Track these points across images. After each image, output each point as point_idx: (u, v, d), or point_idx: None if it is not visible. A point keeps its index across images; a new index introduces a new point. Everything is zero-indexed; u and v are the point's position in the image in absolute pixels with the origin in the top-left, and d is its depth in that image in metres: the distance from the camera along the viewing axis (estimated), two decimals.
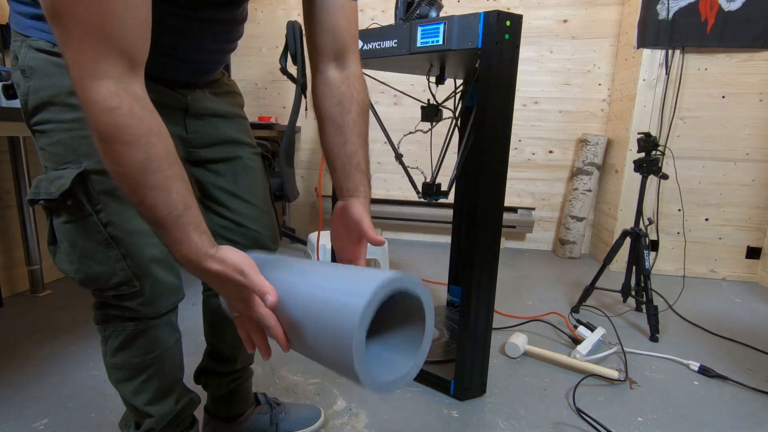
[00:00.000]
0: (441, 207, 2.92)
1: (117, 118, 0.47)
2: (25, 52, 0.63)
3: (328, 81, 0.72)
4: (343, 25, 0.70)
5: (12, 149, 1.80)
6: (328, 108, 0.71)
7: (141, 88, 0.50)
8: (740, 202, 2.42)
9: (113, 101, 0.47)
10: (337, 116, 0.71)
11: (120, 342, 0.75)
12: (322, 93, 0.72)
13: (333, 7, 0.69)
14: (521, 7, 2.78)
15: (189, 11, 0.66)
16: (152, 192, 0.49)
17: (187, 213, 0.51)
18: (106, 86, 0.47)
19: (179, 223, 0.51)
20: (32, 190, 0.66)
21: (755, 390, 1.37)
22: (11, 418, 1.14)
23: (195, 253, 0.52)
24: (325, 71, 0.72)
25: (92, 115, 0.47)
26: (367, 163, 0.72)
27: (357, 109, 0.71)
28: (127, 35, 0.48)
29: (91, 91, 0.46)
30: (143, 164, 0.49)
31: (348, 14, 0.70)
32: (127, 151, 0.48)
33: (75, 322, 1.68)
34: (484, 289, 1.22)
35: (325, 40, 0.70)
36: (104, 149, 0.49)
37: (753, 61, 2.28)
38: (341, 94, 0.71)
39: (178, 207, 0.51)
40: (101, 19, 0.45)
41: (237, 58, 3.14)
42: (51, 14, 0.45)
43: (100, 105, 0.47)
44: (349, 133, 0.70)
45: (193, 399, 0.87)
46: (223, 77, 0.88)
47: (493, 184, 1.17)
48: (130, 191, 0.50)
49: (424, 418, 1.20)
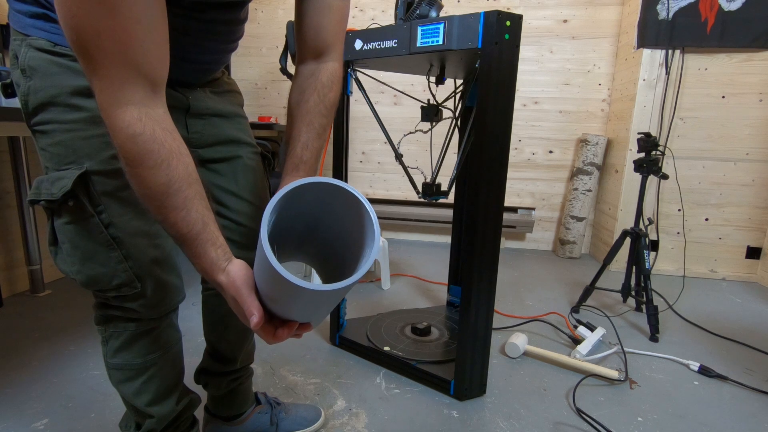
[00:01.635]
0: (441, 207, 2.92)
1: (140, 145, 0.50)
2: (26, 51, 0.63)
3: (299, 73, 0.75)
4: (327, 24, 0.72)
5: (12, 149, 1.80)
6: (291, 98, 0.74)
7: (163, 107, 0.54)
8: (740, 202, 2.42)
9: (137, 127, 0.50)
10: (295, 105, 0.73)
11: (121, 343, 0.75)
12: (293, 86, 0.75)
13: (319, 7, 0.70)
14: (521, 7, 2.78)
15: (193, 12, 0.66)
16: (173, 212, 0.53)
17: (205, 230, 0.56)
18: (129, 113, 0.49)
19: (198, 240, 0.56)
20: (33, 191, 0.65)
21: (755, 390, 1.37)
22: (11, 418, 1.14)
23: (210, 266, 0.57)
24: (305, 63, 0.74)
25: (118, 141, 0.50)
26: (310, 150, 0.72)
27: (315, 99, 0.72)
28: (150, 59, 0.50)
29: (116, 119, 0.49)
30: (165, 186, 0.52)
31: (334, 14, 0.72)
32: (150, 174, 0.51)
33: (75, 322, 1.68)
34: (484, 289, 1.23)
35: (309, 37, 0.72)
36: (130, 173, 0.52)
37: (753, 61, 2.28)
38: (305, 86, 0.73)
39: (197, 225, 0.55)
40: (124, 47, 0.47)
41: (237, 58, 3.14)
42: (76, 46, 0.47)
43: (124, 132, 0.50)
44: (299, 121, 0.72)
45: (193, 399, 0.87)
46: (223, 76, 0.88)
47: (493, 184, 1.17)
48: (155, 211, 0.54)
49: (424, 418, 1.20)
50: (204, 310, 0.98)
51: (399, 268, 2.48)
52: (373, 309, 1.90)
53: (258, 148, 0.93)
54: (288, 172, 0.71)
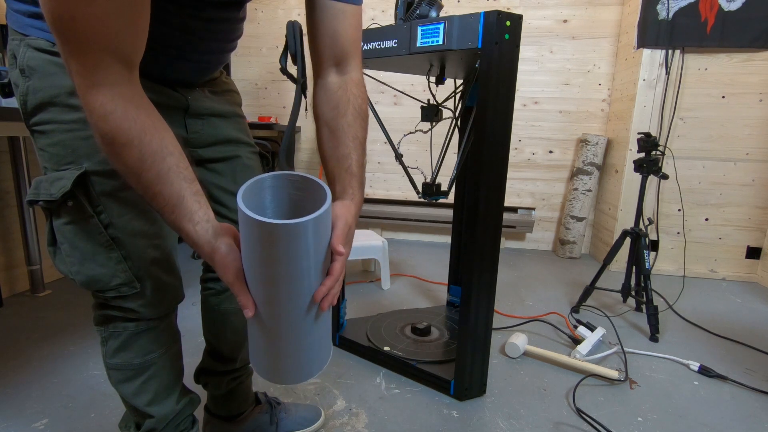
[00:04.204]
0: (441, 207, 2.92)
1: (112, 122, 0.51)
2: (24, 51, 0.63)
3: (326, 86, 0.73)
4: (343, 30, 0.70)
5: (12, 149, 1.80)
6: (324, 112, 0.73)
7: (136, 86, 0.54)
8: (740, 202, 2.42)
9: (108, 107, 0.51)
10: (332, 120, 0.72)
11: (120, 343, 0.75)
12: (320, 98, 0.73)
13: (333, 13, 0.69)
14: (521, 7, 2.78)
15: (193, 11, 0.66)
16: (150, 186, 0.55)
17: (181, 205, 0.56)
18: (102, 93, 0.51)
19: (174, 215, 0.56)
20: (32, 191, 0.65)
21: (755, 390, 1.37)
22: (11, 418, 1.14)
23: (193, 242, 0.57)
24: (326, 77, 0.73)
25: (92, 121, 0.52)
26: (361, 167, 0.72)
27: (353, 112, 0.72)
28: (125, 44, 0.51)
29: (90, 100, 0.51)
30: (139, 162, 0.53)
31: (349, 19, 0.71)
32: (124, 151, 0.53)
33: (75, 322, 1.68)
34: (484, 289, 1.22)
35: (325, 45, 0.71)
36: (107, 151, 0.54)
37: (753, 61, 2.28)
38: (338, 99, 0.72)
39: (172, 200, 0.55)
40: (99, 34, 0.48)
41: (237, 58, 3.14)
42: (53, 29, 0.48)
43: (97, 112, 0.51)
44: (343, 136, 0.71)
45: (193, 399, 0.87)
46: (221, 76, 0.88)
47: (493, 184, 1.17)
48: (135, 186, 0.55)
49: (424, 418, 1.20)
50: (203, 309, 0.98)
51: (399, 268, 2.48)
52: (373, 309, 1.90)
53: (256, 147, 0.93)
54: (344, 186, 0.70)
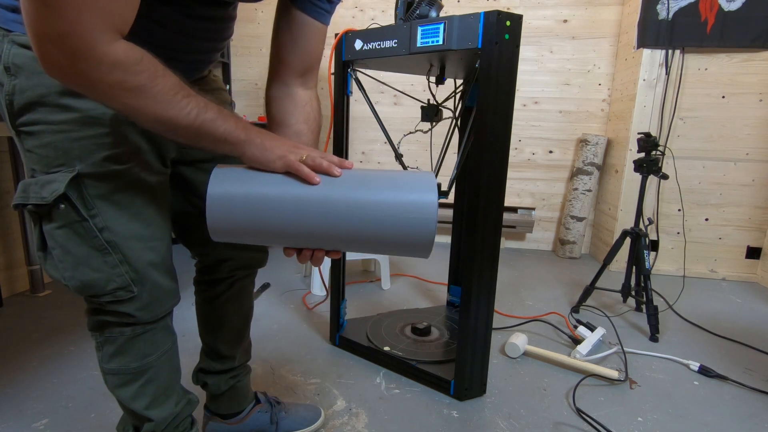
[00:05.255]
0: (441, 207, 2.92)
1: (148, 61, 0.53)
2: (9, 47, 0.60)
3: (294, 97, 0.81)
4: (315, 46, 0.79)
5: (12, 149, 1.80)
6: (293, 123, 0.80)
7: None
8: (740, 202, 2.42)
9: (136, 51, 0.52)
10: (303, 134, 0.81)
11: (116, 348, 0.74)
12: (285, 106, 0.81)
13: (310, 30, 0.77)
14: (521, 7, 2.78)
15: (185, 9, 0.66)
16: (197, 101, 0.59)
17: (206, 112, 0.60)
18: (121, 46, 0.51)
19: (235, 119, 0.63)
20: (19, 195, 0.63)
21: (755, 390, 1.37)
22: (11, 418, 1.14)
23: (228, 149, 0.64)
24: (290, 85, 0.81)
25: (119, 73, 0.51)
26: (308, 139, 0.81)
27: (315, 128, 0.83)
28: (124, 13, 0.52)
29: (108, 55, 0.50)
30: (178, 85, 0.57)
31: (320, 36, 0.79)
32: (165, 79, 0.55)
33: (75, 322, 1.68)
34: (484, 289, 1.23)
35: (298, 58, 0.79)
36: (149, 93, 0.54)
37: (753, 61, 2.28)
38: (306, 114, 0.82)
39: (197, 109, 0.59)
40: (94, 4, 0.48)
41: (237, 58, 3.14)
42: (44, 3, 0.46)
43: (128, 58, 0.51)
44: (297, 124, 0.81)
45: (191, 400, 0.86)
46: (209, 74, 0.88)
47: (493, 184, 1.17)
48: (185, 119, 0.58)
49: (424, 418, 1.20)
50: (198, 312, 0.97)
51: (399, 268, 2.48)
52: (373, 309, 1.90)
53: None
54: None
